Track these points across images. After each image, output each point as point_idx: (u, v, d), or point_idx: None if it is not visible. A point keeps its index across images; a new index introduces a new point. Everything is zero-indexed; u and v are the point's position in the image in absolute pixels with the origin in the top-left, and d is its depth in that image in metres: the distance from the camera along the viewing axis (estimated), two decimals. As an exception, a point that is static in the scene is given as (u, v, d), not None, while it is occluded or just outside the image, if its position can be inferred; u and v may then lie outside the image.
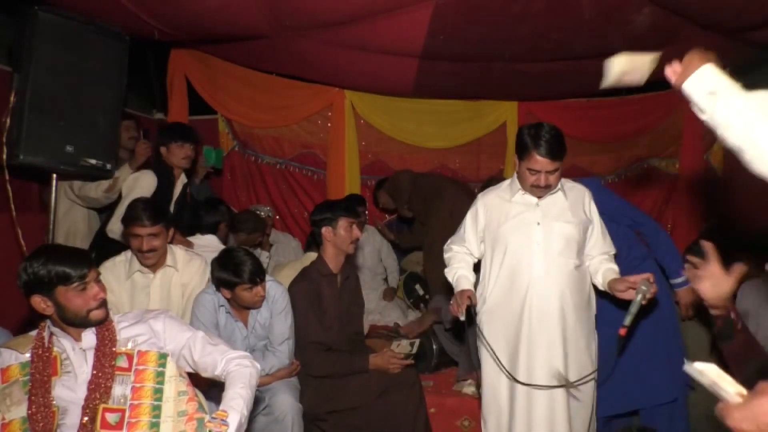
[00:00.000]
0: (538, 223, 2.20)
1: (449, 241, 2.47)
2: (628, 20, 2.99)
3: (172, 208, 3.16)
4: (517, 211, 2.24)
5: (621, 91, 4.44)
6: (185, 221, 3.19)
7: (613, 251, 2.30)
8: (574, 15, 2.92)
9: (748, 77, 4.49)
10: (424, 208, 3.97)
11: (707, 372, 0.94)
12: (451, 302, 2.24)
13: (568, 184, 2.30)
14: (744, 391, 0.91)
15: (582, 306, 2.24)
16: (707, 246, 1.50)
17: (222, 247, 3.12)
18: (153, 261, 2.49)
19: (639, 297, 1.96)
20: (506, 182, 2.37)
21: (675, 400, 2.41)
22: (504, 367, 2.21)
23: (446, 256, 2.44)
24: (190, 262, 2.64)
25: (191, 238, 3.10)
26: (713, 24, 3.11)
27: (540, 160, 2.11)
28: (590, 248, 2.28)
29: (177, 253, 2.63)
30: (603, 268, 2.23)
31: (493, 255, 2.29)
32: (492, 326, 2.27)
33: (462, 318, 2.17)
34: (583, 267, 2.26)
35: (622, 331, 1.96)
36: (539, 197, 2.21)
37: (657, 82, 1.74)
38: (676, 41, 3.34)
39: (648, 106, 4.54)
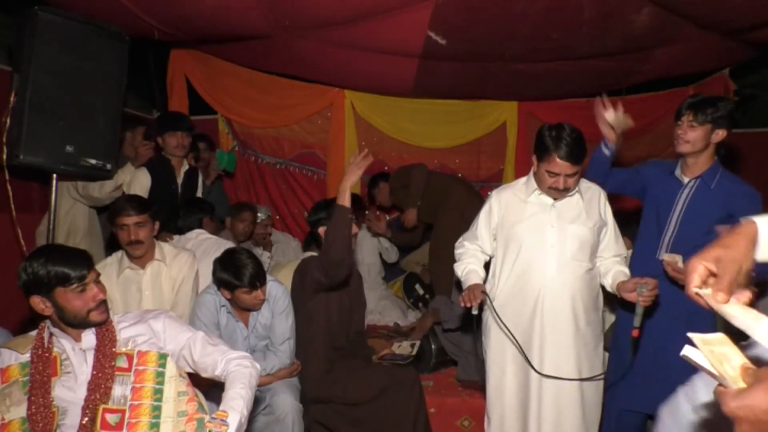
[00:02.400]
0: (553, 226, 2.18)
1: (461, 237, 2.44)
2: (628, 20, 2.99)
3: (179, 197, 3.31)
4: (532, 212, 2.22)
5: (621, 91, 4.45)
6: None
7: (624, 253, 2.29)
8: (574, 15, 2.92)
9: (748, 77, 4.49)
10: (431, 207, 3.91)
11: (708, 350, 0.87)
12: (462, 294, 2.19)
13: (584, 184, 2.27)
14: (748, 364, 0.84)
15: (592, 308, 2.24)
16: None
17: (211, 236, 3.14)
18: (140, 253, 2.50)
19: (639, 299, 1.98)
20: (522, 180, 2.34)
21: None
22: (519, 345, 2.19)
23: (457, 252, 2.41)
24: (178, 256, 2.66)
25: (181, 238, 3.10)
26: (713, 24, 3.11)
27: (560, 163, 2.08)
28: (602, 250, 2.27)
29: (165, 247, 2.65)
30: (614, 270, 2.21)
31: (506, 254, 2.27)
32: (503, 318, 2.25)
33: (475, 311, 2.13)
34: (593, 270, 2.25)
35: (635, 333, 1.98)
36: (555, 199, 2.19)
37: (656, 81, 1.75)
38: (676, 41, 3.35)
39: (648, 106, 4.54)
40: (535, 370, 2.16)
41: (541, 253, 2.18)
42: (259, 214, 4.13)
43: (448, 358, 3.25)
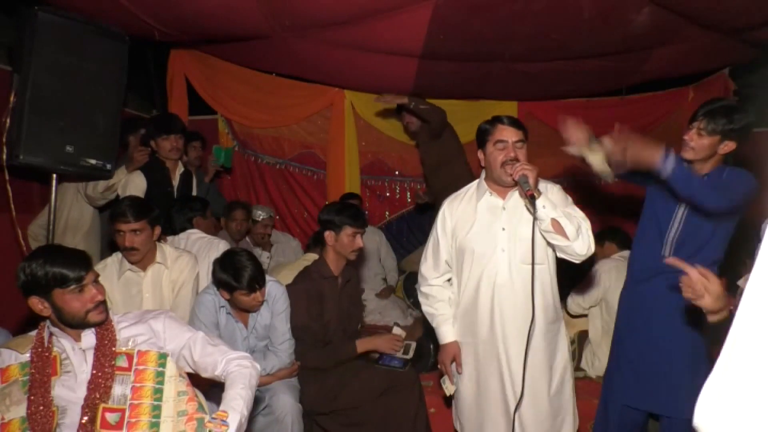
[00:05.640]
0: (504, 228, 2.15)
1: (422, 264, 2.38)
2: (628, 20, 2.99)
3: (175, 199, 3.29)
4: (483, 217, 2.19)
5: (621, 90, 4.45)
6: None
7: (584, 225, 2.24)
8: (574, 15, 2.92)
9: (748, 77, 4.49)
10: (435, 179, 3.96)
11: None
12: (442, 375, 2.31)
13: (540, 184, 2.21)
14: None
15: (551, 306, 2.20)
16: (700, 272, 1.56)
17: (205, 235, 3.13)
18: (136, 259, 2.50)
19: (521, 180, 1.98)
20: (473, 185, 2.31)
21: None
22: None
23: (423, 290, 2.37)
24: (179, 259, 2.64)
25: (174, 239, 3.09)
26: (713, 24, 3.11)
27: (505, 128, 2.12)
28: None
29: (166, 250, 2.64)
30: None
31: (463, 262, 2.24)
32: (464, 328, 2.26)
33: (449, 393, 2.25)
34: (546, 268, 2.18)
35: (529, 192, 1.95)
36: (511, 180, 2.08)
37: (656, 81, 1.75)
38: (676, 41, 3.35)
39: (648, 106, 4.54)
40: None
41: (492, 258, 2.15)
42: (260, 213, 4.13)
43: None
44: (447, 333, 2.28)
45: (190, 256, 2.70)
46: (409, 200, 4.94)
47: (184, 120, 4.03)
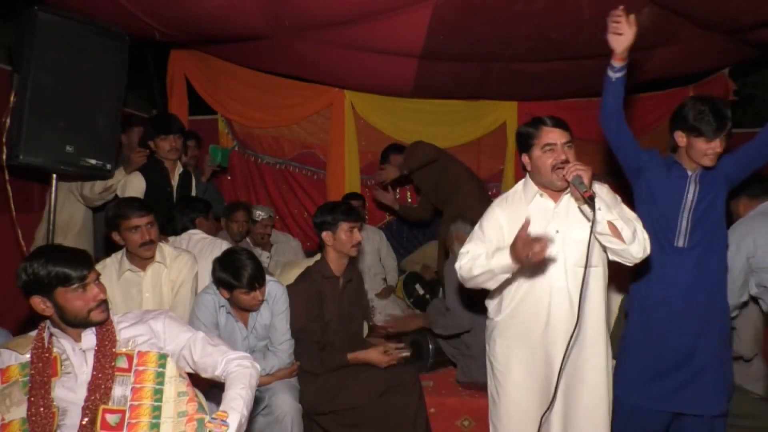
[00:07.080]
0: (557, 231, 2.05)
1: (465, 246, 2.20)
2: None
3: (174, 199, 3.30)
4: (535, 220, 2.03)
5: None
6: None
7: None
8: (574, 15, 2.92)
9: (749, 77, 4.49)
10: (440, 195, 3.94)
11: None
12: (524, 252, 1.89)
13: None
14: None
15: (601, 310, 2.13)
16: None
17: (207, 236, 3.12)
18: (152, 253, 2.51)
19: (575, 181, 1.90)
20: (518, 188, 2.19)
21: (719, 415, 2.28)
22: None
23: (461, 264, 2.13)
24: (178, 258, 2.65)
25: (175, 239, 3.08)
26: (713, 24, 3.11)
27: (552, 131, 2.01)
28: None
29: (165, 249, 2.64)
30: None
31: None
32: (516, 335, 2.14)
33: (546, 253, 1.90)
34: (601, 271, 2.11)
35: (587, 194, 1.87)
36: (563, 184, 2.00)
37: (656, 81, 1.74)
38: (676, 41, 3.35)
39: (648, 106, 4.54)
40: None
41: (546, 263, 2.05)
42: (260, 213, 4.13)
43: (445, 358, 3.25)
44: (502, 253, 1.98)
45: (189, 255, 2.70)
46: (409, 200, 4.94)
47: (184, 120, 4.03)
